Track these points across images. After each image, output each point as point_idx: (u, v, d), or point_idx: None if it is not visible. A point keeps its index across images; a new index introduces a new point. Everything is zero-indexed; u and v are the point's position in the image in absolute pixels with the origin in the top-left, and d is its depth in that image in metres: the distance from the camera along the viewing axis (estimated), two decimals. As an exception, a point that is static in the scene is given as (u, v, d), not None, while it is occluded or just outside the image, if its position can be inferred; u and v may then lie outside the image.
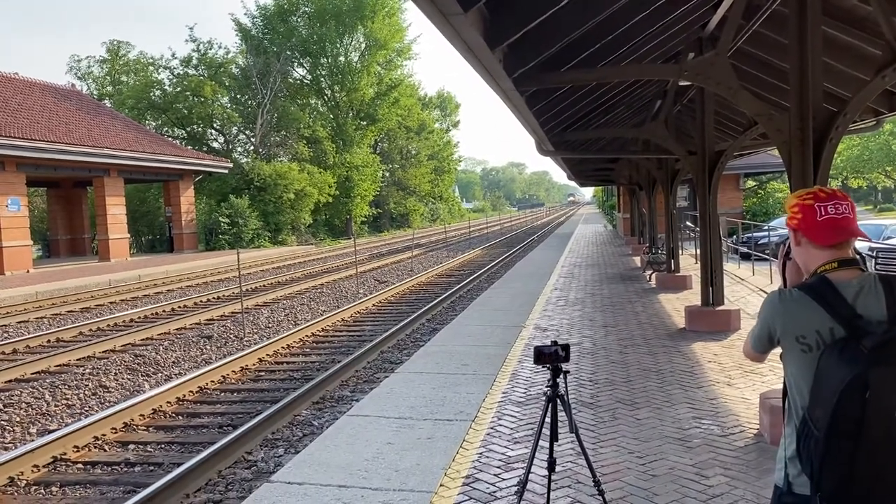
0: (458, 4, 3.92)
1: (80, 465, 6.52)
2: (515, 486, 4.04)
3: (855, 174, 46.00)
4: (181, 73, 48.11)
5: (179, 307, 16.82)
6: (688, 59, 9.00)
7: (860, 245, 12.19)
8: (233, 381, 9.52)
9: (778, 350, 2.15)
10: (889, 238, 15.71)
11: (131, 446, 6.99)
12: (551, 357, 3.72)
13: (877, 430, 1.82)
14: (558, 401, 3.76)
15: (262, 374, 9.93)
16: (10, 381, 9.81)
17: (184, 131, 48.26)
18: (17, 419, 8.00)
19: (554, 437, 3.82)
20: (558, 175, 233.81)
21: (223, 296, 18.57)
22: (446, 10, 3.98)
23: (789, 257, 2.24)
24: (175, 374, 9.93)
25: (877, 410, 1.81)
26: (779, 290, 2.12)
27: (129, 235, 34.35)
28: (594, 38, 6.58)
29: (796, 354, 2.02)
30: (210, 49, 48.52)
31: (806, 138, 5.25)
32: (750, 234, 19.80)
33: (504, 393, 6.62)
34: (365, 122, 54.71)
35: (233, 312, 15.27)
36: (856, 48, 7.31)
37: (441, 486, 4.49)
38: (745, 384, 6.63)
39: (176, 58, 48.44)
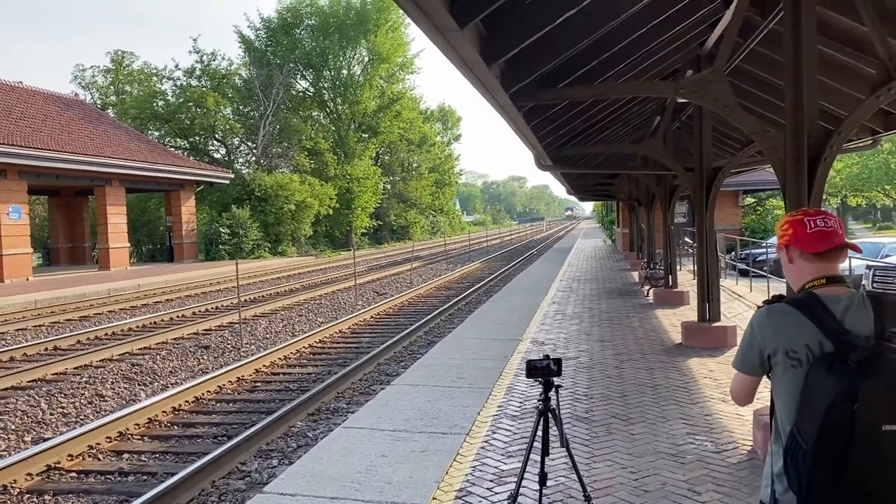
0: (454, 21, 3.97)
1: (73, 474, 6.52)
2: (507, 499, 4.04)
3: (854, 192, 46.10)
4: (184, 83, 48.35)
5: (177, 317, 16.83)
6: (685, 76, 9.08)
7: (856, 262, 12.20)
8: (229, 391, 9.52)
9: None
10: (887, 256, 15.73)
11: (125, 455, 6.99)
12: (543, 371, 3.75)
13: (865, 444, 1.84)
14: (550, 415, 3.78)
15: (259, 384, 9.93)
16: (6, 388, 9.81)
17: (186, 142, 48.43)
18: (13, 427, 8.00)
19: (545, 452, 3.83)
20: (559, 189, 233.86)
21: (221, 306, 18.57)
22: (443, 27, 4.03)
23: None
24: (171, 384, 9.93)
25: (865, 424, 1.83)
26: (766, 307, 2.14)
27: (129, 245, 34.39)
28: (592, 55, 6.63)
29: (785, 369, 2.04)
30: (213, 60, 48.82)
31: (801, 156, 5.28)
32: (748, 251, 19.81)
33: (499, 406, 6.63)
34: (367, 135, 54.92)
35: (231, 323, 15.27)
36: (851, 67, 7.36)
37: (434, 499, 4.50)
38: (740, 401, 6.61)
39: (179, 69, 48.75)
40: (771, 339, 2.07)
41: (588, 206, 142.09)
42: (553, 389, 3.77)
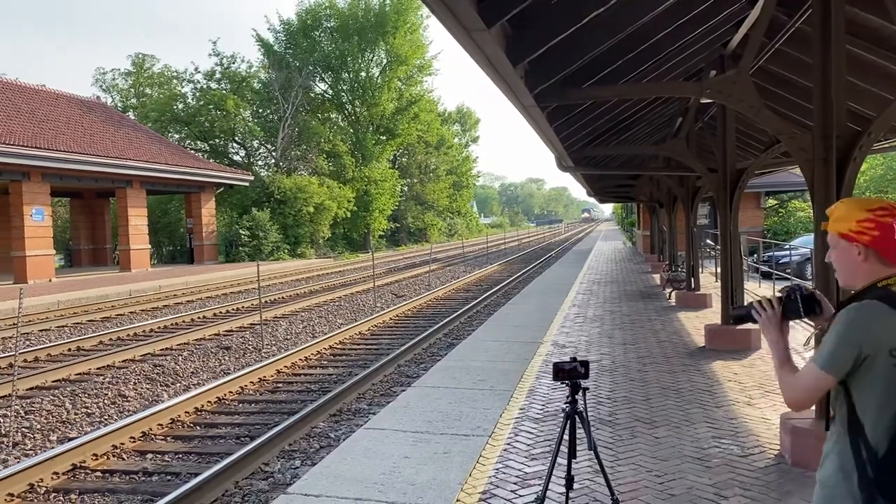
0: (481, 20, 3.96)
1: (98, 474, 6.57)
2: (532, 502, 4.02)
3: (878, 194, 45.46)
4: (204, 86, 48.72)
5: (199, 318, 16.94)
6: (710, 76, 9.01)
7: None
8: (251, 392, 9.56)
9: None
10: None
11: (149, 455, 7.04)
12: (570, 374, 3.71)
13: None
14: (577, 418, 3.75)
15: (280, 385, 9.96)
16: (31, 388, 9.92)
17: (206, 144, 48.79)
18: (38, 426, 8.08)
19: (572, 455, 3.80)
20: (577, 191, 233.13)
21: (242, 307, 18.68)
22: (470, 26, 4.01)
23: (790, 315, 2.23)
24: (193, 385, 9.99)
25: None
26: (857, 305, 2.01)
27: (150, 246, 34.69)
28: (616, 55, 6.59)
29: (887, 370, 1.94)
30: (233, 63, 49.17)
31: (829, 157, 5.21)
32: (771, 253, 19.63)
33: (521, 409, 6.59)
34: (384, 137, 55.03)
35: (251, 324, 15.34)
36: (880, 67, 7.27)
37: (457, 501, 4.48)
38: (766, 404, 6.55)
39: (199, 72, 49.12)
40: (875, 338, 1.94)
41: (607, 208, 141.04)
42: (580, 392, 3.74)
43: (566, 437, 3.77)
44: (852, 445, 2.00)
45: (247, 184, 40.30)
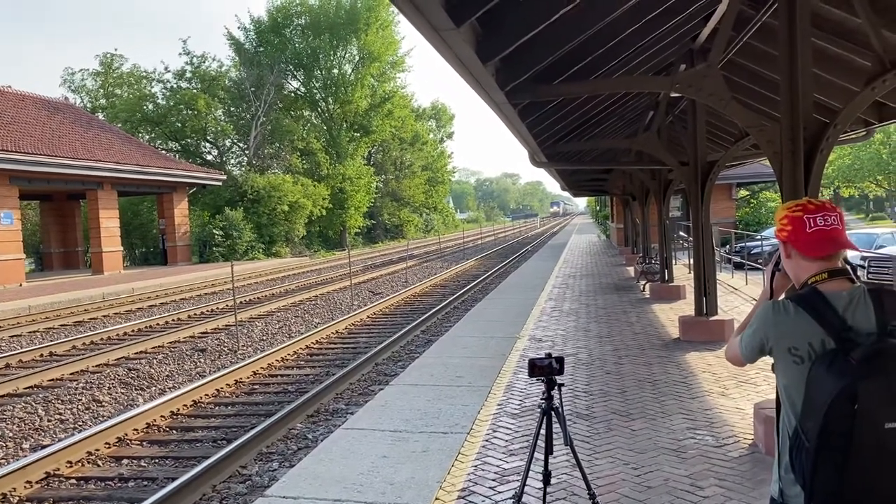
0: (450, 20, 3.95)
1: (73, 481, 6.48)
2: (511, 499, 4.03)
3: (846, 183, 46.27)
4: (174, 86, 48.12)
5: (173, 320, 16.76)
6: (679, 70, 9.08)
7: (852, 253, 12.23)
8: (227, 394, 9.49)
9: (769, 360, 2.15)
10: (881, 247, 15.79)
11: (125, 461, 6.96)
12: (545, 370, 3.73)
13: (866, 442, 1.82)
14: (553, 413, 3.77)
15: (257, 387, 9.90)
16: (2, 395, 9.75)
17: (177, 144, 48.22)
18: (10, 434, 7.95)
19: (549, 450, 3.82)
20: (552, 186, 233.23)
21: (217, 308, 18.51)
22: (439, 26, 4.00)
23: (778, 268, 2.26)
24: (169, 388, 9.89)
25: (866, 423, 1.81)
26: (772, 302, 2.12)
27: (122, 248, 34.24)
28: (586, 51, 6.62)
29: (788, 365, 2.02)
30: (203, 62, 48.59)
31: (797, 149, 5.28)
32: (743, 244, 19.87)
33: (499, 405, 6.62)
34: (359, 134, 54.79)
35: (227, 325, 15.22)
36: (845, 60, 7.37)
37: (436, 499, 4.48)
38: (740, 394, 6.64)
39: (169, 71, 48.43)
40: (773, 336, 2.05)
41: (581, 202, 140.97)
42: (556, 388, 3.76)
43: (543, 432, 3.79)
44: (781, 433, 2.11)
45: (220, 183, 39.90)
